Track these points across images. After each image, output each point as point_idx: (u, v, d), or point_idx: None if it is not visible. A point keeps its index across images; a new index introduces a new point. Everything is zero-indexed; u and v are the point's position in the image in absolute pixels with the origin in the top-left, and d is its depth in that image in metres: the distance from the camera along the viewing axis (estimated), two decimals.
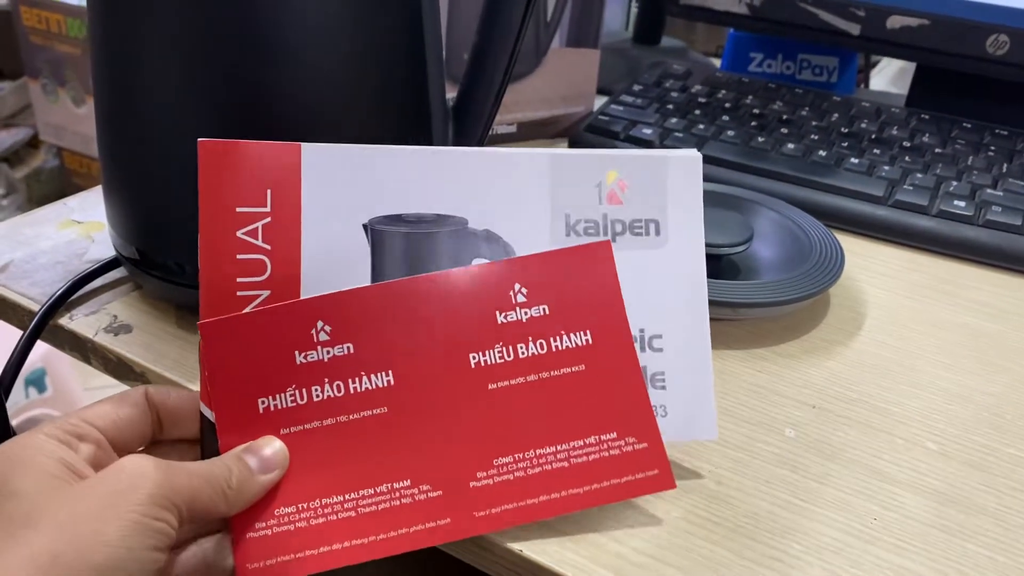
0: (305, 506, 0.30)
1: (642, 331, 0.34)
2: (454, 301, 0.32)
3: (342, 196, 0.33)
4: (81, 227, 0.49)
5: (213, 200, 0.32)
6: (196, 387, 0.37)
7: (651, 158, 0.35)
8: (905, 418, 0.38)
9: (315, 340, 0.31)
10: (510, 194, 0.34)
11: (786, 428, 0.37)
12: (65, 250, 0.46)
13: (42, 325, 0.40)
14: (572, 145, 0.62)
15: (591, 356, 0.32)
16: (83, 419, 0.29)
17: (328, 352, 0.31)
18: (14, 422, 1.24)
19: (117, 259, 0.43)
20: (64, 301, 0.41)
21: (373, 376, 0.31)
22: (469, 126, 0.45)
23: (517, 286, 0.33)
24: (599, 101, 0.65)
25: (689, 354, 0.34)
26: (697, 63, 0.77)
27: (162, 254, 0.40)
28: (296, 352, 0.31)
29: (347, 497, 0.30)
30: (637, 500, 0.33)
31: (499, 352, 0.32)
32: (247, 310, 0.32)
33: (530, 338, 0.32)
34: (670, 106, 0.63)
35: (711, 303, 0.42)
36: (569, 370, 0.32)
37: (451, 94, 0.45)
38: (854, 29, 0.63)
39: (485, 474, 0.31)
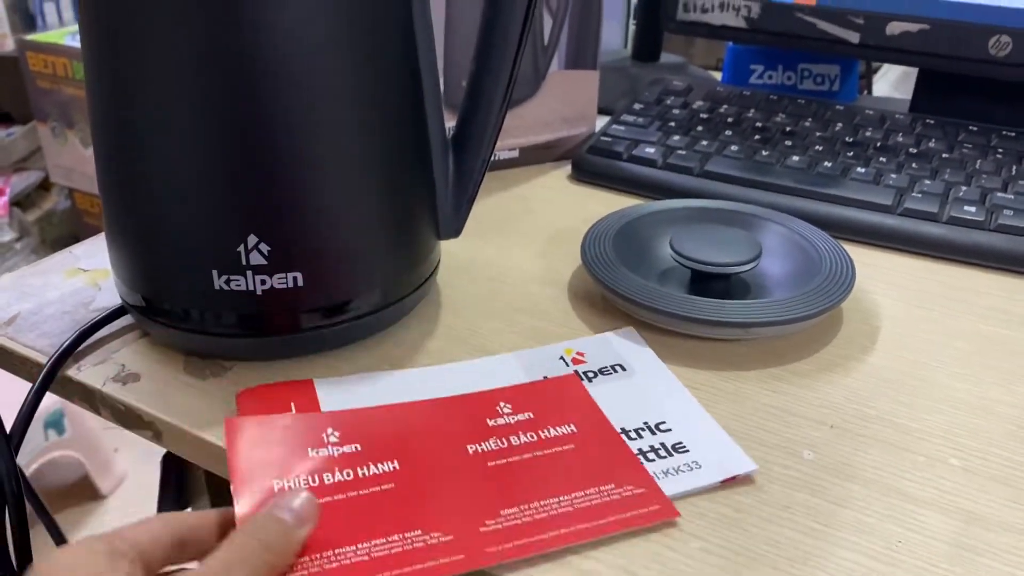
0: (317, 555, 0.30)
1: (646, 423, 0.38)
2: (448, 414, 0.37)
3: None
4: (88, 275, 0.49)
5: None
6: (205, 435, 0.37)
7: (596, 339, 0.43)
8: (926, 434, 0.38)
9: (326, 441, 0.35)
10: (493, 382, 0.40)
11: (804, 450, 0.37)
12: (72, 299, 0.46)
13: (50, 379, 0.40)
14: (575, 168, 0.61)
15: (578, 439, 0.36)
16: (125, 538, 0.29)
17: (338, 450, 0.35)
18: (34, 466, 1.24)
19: (123, 307, 0.43)
20: (71, 353, 0.41)
21: (380, 464, 0.34)
22: (469, 156, 0.45)
23: (502, 403, 0.38)
24: (601, 121, 0.65)
25: (691, 419, 0.38)
26: (697, 78, 0.77)
27: (167, 301, 0.40)
28: (309, 448, 0.35)
29: (359, 546, 0.30)
30: (653, 531, 0.32)
31: (494, 443, 0.36)
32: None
33: (520, 432, 0.36)
34: (672, 123, 0.63)
35: (723, 324, 0.41)
36: (560, 449, 0.36)
37: (450, 123, 0.45)
38: (853, 37, 0.63)
39: (493, 522, 0.32)
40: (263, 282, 0.38)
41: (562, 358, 0.42)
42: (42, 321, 0.44)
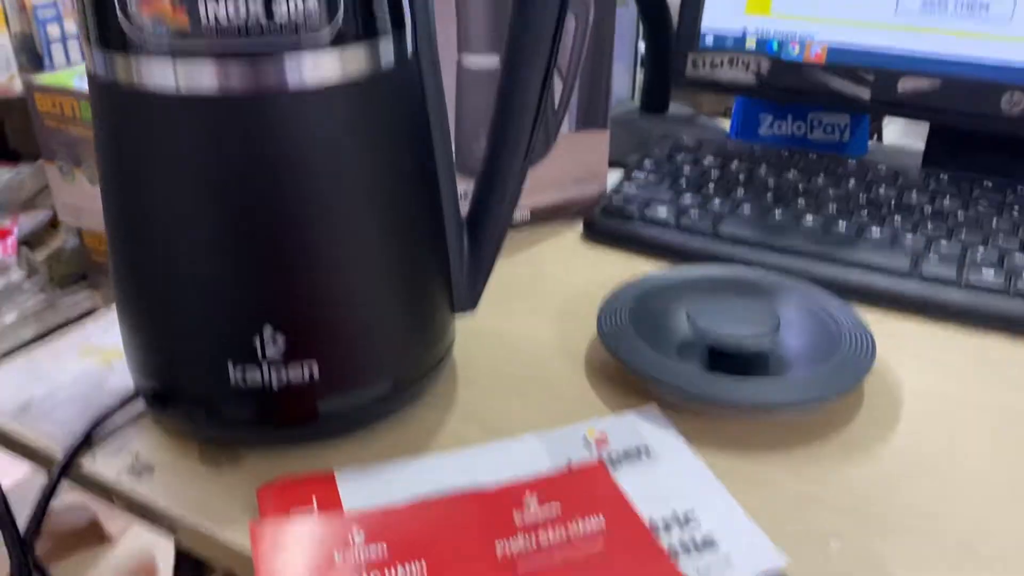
0: None
1: (675, 513, 0.37)
2: (474, 508, 0.37)
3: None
4: (101, 355, 0.48)
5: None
6: (222, 535, 0.36)
7: (619, 419, 0.42)
8: (955, 520, 0.37)
9: (351, 543, 0.35)
10: (517, 469, 0.39)
11: (830, 539, 0.36)
12: (85, 382, 0.46)
13: (64, 473, 0.39)
14: (587, 228, 0.61)
15: (609, 537, 0.35)
16: None
17: (364, 552, 0.34)
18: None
19: (136, 393, 0.43)
20: (85, 444, 0.41)
21: (407, 564, 0.34)
22: (485, 234, 0.45)
23: (528, 493, 0.37)
24: (611, 175, 0.65)
25: (719, 509, 0.37)
26: (707, 129, 0.77)
27: (181, 390, 0.40)
28: (335, 552, 0.34)
29: None
30: None
31: (523, 541, 0.35)
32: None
33: (549, 527, 0.36)
34: (683, 181, 0.63)
35: (743, 406, 0.41)
36: (591, 550, 0.35)
37: (461, 186, 0.44)
38: (864, 93, 0.62)
39: None
40: (279, 372, 0.38)
41: (585, 438, 0.41)
42: (54, 408, 0.44)
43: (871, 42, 0.61)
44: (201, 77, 0.34)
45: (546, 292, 0.55)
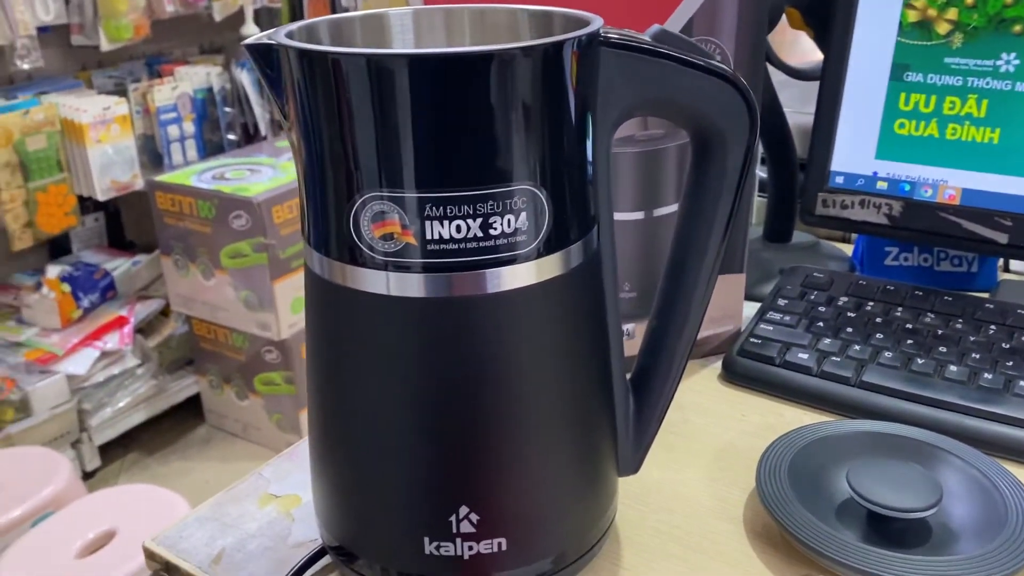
0: None
1: None
2: None
3: None
4: (280, 502, 0.52)
5: None
6: None
7: None
8: None
9: None
10: None
11: None
12: (269, 532, 0.49)
13: None
14: (726, 369, 0.63)
15: None
16: None
17: None
18: None
19: (323, 549, 0.46)
20: None
21: None
22: (652, 400, 0.47)
23: None
24: (744, 308, 0.66)
25: None
26: (831, 258, 0.78)
27: (373, 556, 0.42)
28: None
29: None
30: None
31: None
32: None
33: None
34: (820, 323, 0.64)
35: None
36: None
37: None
38: (1001, 237, 0.63)
39: None
40: (470, 548, 0.40)
41: None
42: (247, 560, 0.47)
43: (1008, 189, 0.63)
44: (411, 284, 0.37)
45: (694, 441, 0.56)
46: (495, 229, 0.36)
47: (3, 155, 1.73)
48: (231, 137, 2.13)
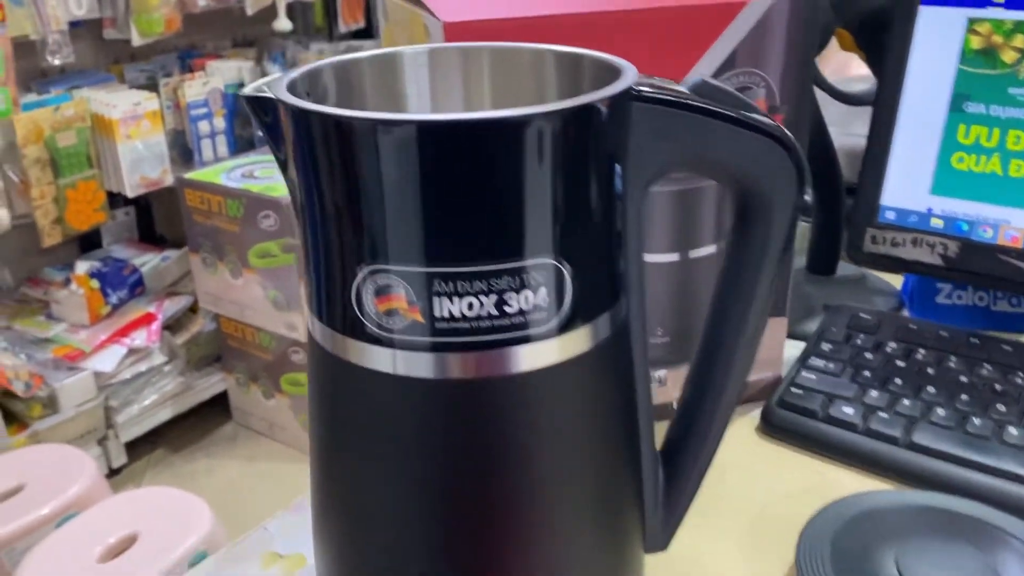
0: None
1: None
2: None
3: None
4: (284, 562, 0.49)
5: None
6: None
7: None
8: None
9: None
10: None
11: None
12: None
13: None
14: (764, 422, 0.59)
15: None
16: None
17: None
18: None
19: None
20: None
21: None
22: (682, 476, 0.43)
23: None
24: (785, 348, 0.62)
25: None
26: (878, 292, 0.74)
27: None
28: None
29: None
30: None
31: None
32: None
33: None
34: (866, 372, 0.60)
35: None
36: None
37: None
38: None
39: None
40: None
41: None
42: None
43: None
44: (419, 364, 0.34)
45: (729, 504, 0.52)
46: (511, 307, 0.32)
47: (34, 151, 1.73)
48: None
